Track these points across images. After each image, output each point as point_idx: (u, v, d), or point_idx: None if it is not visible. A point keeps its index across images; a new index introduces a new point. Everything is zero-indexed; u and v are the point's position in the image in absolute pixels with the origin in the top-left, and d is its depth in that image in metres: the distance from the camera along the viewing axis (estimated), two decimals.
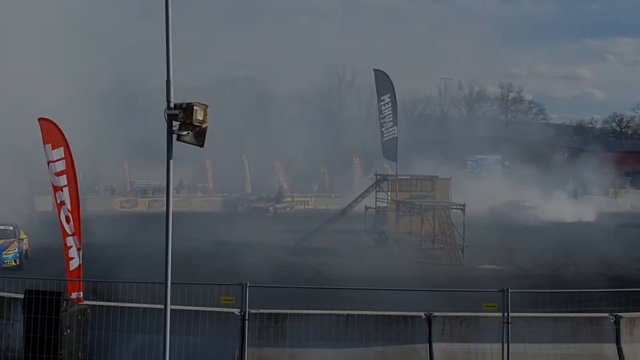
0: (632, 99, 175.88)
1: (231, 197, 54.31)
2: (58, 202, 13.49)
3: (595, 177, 71.90)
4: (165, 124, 8.12)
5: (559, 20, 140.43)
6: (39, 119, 13.36)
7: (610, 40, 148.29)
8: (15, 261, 22.91)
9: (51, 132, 13.26)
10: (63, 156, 13.19)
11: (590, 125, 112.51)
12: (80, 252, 13.70)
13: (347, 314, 11.59)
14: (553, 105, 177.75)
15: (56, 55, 38.25)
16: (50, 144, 13.18)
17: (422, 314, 11.64)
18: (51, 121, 13.34)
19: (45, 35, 37.23)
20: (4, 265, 22.18)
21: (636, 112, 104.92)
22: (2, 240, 23.48)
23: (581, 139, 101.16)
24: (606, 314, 12.07)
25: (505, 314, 11.27)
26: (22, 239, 24.97)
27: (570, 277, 23.86)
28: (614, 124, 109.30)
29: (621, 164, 68.45)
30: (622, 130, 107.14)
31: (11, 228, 24.77)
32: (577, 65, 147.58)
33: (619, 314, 12.03)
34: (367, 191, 33.95)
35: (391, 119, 34.40)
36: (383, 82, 35.25)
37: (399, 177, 33.16)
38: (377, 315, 11.60)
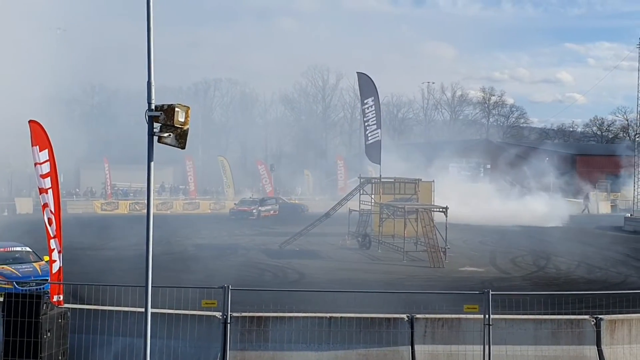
0: (612, 103, 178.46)
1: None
2: (42, 204, 13.50)
3: (576, 180, 72.59)
4: (146, 126, 8.06)
5: (541, 24, 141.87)
6: (29, 121, 13.38)
7: (591, 45, 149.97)
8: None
9: (38, 135, 13.27)
10: (48, 158, 13.24)
11: (571, 129, 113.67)
12: (61, 254, 13.60)
13: (330, 317, 11.57)
14: (534, 109, 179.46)
15: (33, 57, 37.89)
16: (37, 146, 13.22)
17: (404, 316, 11.66)
18: (39, 123, 13.33)
19: (21, 36, 36.87)
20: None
21: (616, 116, 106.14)
22: (26, 267, 19.01)
23: (562, 143, 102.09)
24: (587, 316, 12.15)
25: (487, 315, 11.31)
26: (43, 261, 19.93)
27: (550, 279, 23.99)
28: (594, 128, 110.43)
29: (602, 167, 69.10)
30: (603, 134, 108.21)
31: (28, 249, 20.38)
32: (559, 70, 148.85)
33: (600, 316, 12.12)
34: (350, 194, 33.97)
35: (375, 122, 34.46)
36: (366, 85, 35.33)
37: (382, 179, 33.22)
38: (359, 318, 11.60)
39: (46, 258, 20.08)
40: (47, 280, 16.79)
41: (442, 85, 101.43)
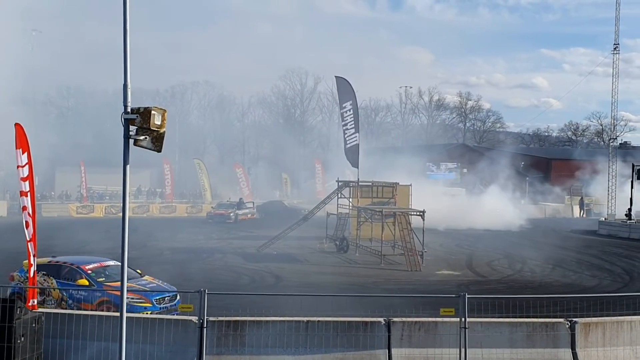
0: (587, 108, 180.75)
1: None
2: (22, 206, 13.44)
3: (551, 184, 73.36)
4: (122, 128, 8.00)
5: (517, 30, 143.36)
6: (15, 124, 13.35)
7: (566, 51, 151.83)
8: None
9: (21, 138, 13.24)
10: (27, 161, 13.25)
11: (546, 134, 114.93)
12: (35, 258, 13.47)
13: (307, 320, 11.56)
14: (510, 114, 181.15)
15: (8, 59, 37.46)
16: (20, 149, 13.20)
17: (381, 319, 11.68)
18: (21, 126, 13.29)
19: None
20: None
21: (591, 121, 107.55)
22: (145, 282, 17.06)
23: (537, 147, 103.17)
24: (562, 320, 12.28)
25: (463, 319, 11.39)
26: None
27: (526, 282, 24.20)
28: (569, 133, 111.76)
29: (576, 171, 69.86)
30: (578, 138, 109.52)
31: (118, 262, 16.67)
32: (534, 75, 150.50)
33: (574, 319, 12.26)
34: (328, 197, 34.01)
35: (353, 125, 34.54)
36: (344, 89, 35.41)
37: (360, 183, 33.30)
38: (336, 322, 11.60)
39: (148, 278, 17.83)
40: (176, 293, 16.24)
41: (420, 90, 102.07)
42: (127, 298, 14.45)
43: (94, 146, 58.03)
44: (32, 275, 13.59)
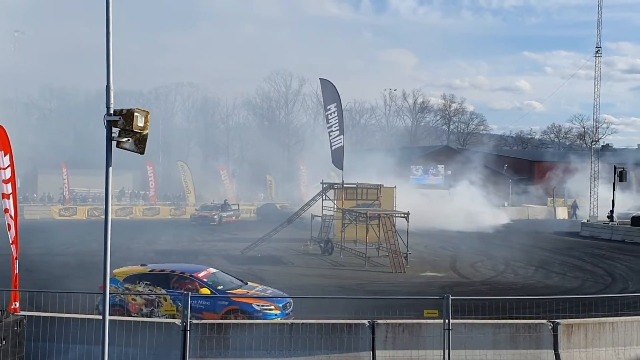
0: (569, 110, 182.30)
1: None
2: (4, 209, 13.32)
3: (534, 186, 73.85)
4: (105, 130, 7.96)
5: (500, 33, 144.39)
6: None
7: (549, 54, 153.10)
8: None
9: (3, 140, 13.12)
10: (9, 163, 13.14)
11: (529, 136, 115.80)
12: (17, 261, 13.35)
13: (291, 323, 11.56)
14: (494, 116, 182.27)
15: None
16: (2, 151, 13.09)
17: (365, 321, 11.70)
18: (3, 128, 13.16)
19: None
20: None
21: (573, 124, 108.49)
22: (262, 288, 16.93)
23: (520, 150, 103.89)
24: (544, 321, 12.36)
25: (447, 320, 11.43)
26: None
27: (509, 283, 24.33)
28: (552, 135, 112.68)
29: (559, 173, 70.38)
30: (560, 141, 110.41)
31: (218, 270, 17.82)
32: (517, 78, 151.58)
33: (557, 320, 12.35)
34: (313, 199, 34.00)
35: (337, 128, 34.54)
36: (329, 91, 35.40)
37: (344, 185, 33.32)
38: (320, 324, 11.60)
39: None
40: (291, 300, 15.74)
41: (404, 92, 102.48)
42: (258, 305, 14.83)
43: (77, 148, 57.64)
44: (14, 278, 13.45)
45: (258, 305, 14.86)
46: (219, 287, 15.85)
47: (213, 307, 14.87)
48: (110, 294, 15.40)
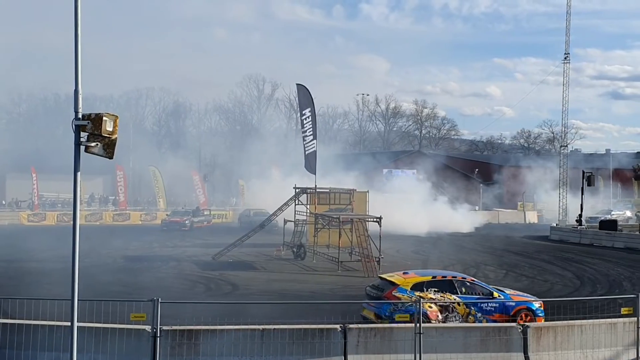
0: (539, 116, 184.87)
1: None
2: None
3: (504, 190, 74.67)
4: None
5: (470, 40, 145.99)
6: None
7: (518, 60, 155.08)
8: None
9: None
10: None
11: (499, 141, 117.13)
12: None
13: (263, 329, 11.50)
14: (465, 122, 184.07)
15: None
16: None
17: (337, 326, 11.70)
18: None
19: None
20: None
21: (543, 129, 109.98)
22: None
23: (491, 155, 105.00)
24: (514, 324, 12.51)
25: (418, 324, 11.49)
26: None
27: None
28: (522, 140, 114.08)
29: (529, 178, 71.24)
30: (530, 146, 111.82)
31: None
32: (488, 84, 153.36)
33: (527, 323, 12.50)
34: (285, 204, 33.89)
35: (311, 132, 34.55)
36: (304, 96, 35.42)
37: (317, 189, 33.31)
38: (292, 329, 11.57)
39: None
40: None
41: (377, 97, 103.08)
42: (537, 303, 15.94)
43: (46, 153, 56.76)
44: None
45: (537, 303, 16.09)
46: (508, 291, 17.06)
47: (504, 309, 15.77)
48: (401, 302, 15.51)
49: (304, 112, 35.24)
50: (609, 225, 43.66)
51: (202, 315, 12.22)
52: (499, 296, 16.07)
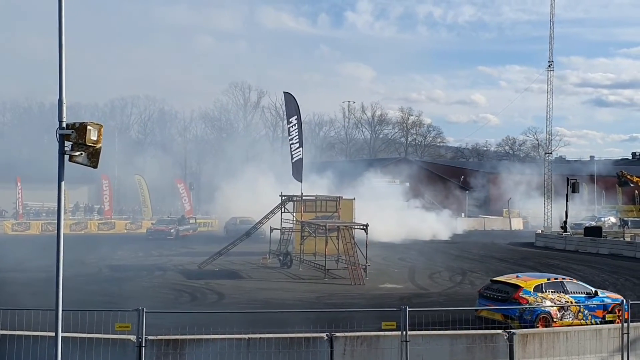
0: (523, 123, 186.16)
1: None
2: None
3: (489, 197, 74.98)
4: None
5: (455, 48, 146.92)
6: None
7: (502, 68, 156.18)
8: None
9: None
10: None
11: (485, 148, 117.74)
12: None
13: (249, 338, 11.45)
14: (450, 129, 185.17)
15: None
16: None
17: (324, 335, 11.66)
18: None
19: None
20: None
21: (527, 136, 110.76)
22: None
23: (476, 162, 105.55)
24: (500, 331, 12.52)
25: (404, 332, 11.47)
26: None
27: (466, 294, 24.55)
28: (507, 147, 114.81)
29: (514, 185, 71.61)
30: (515, 152, 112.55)
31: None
32: (473, 91, 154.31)
33: (512, 331, 12.53)
34: (272, 212, 33.81)
35: (297, 140, 34.56)
36: (291, 104, 35.44)
37: (303, 197, 33.28)
38: (278, 338, 11.52)
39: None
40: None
41: (363, 105, 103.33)
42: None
43: (31, 162, 56.31)
44: None
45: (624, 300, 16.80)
46: (603, 293, 18.62)
47: (604, 306, 17.32)
48: (527, 305, 16.98)
49: (290, 119, 35.26)
50: (594, 231, 43.99)
51: (187, 325, 12.13)
52: (600, 294, 17.95)
